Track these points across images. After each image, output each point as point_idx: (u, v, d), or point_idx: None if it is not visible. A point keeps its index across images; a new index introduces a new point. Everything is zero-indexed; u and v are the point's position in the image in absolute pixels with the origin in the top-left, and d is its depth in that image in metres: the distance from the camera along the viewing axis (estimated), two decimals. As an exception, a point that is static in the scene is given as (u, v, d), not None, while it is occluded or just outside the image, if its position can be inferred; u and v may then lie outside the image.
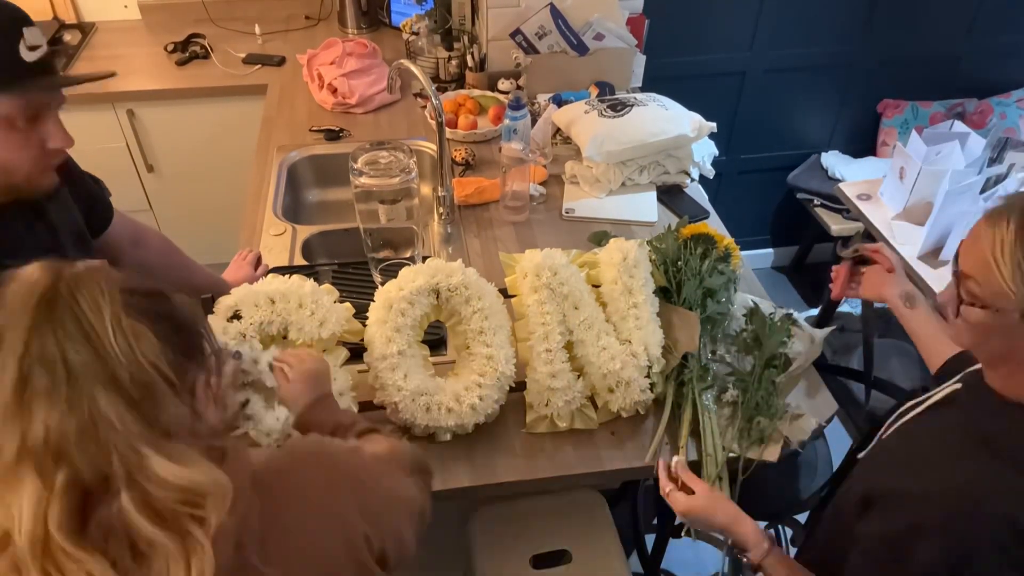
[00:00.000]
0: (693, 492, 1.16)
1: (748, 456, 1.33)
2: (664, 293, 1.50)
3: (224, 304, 1.28)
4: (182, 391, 0.70)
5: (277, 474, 0.81)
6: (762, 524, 1.55)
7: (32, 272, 0.68)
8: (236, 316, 1.27)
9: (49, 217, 1.21)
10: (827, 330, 1.52)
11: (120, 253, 1.44)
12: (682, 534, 1.70)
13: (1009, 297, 0.86)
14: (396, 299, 1.31)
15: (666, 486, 1.18)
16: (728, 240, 1.63)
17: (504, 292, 1.43)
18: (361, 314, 1.37)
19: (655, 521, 1.86)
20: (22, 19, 1.05)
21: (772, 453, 1.34)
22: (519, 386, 1.38)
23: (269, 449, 0.91)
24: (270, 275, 1.35)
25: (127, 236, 1.48)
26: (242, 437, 0.88)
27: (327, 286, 1.36)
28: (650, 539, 1.88)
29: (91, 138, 2.47)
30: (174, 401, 0.68)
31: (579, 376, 1.37)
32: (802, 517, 1.68)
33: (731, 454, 1.33)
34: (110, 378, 0.65)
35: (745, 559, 1.11)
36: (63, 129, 1.16)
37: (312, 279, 1.34)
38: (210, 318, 1.28)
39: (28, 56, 1.04)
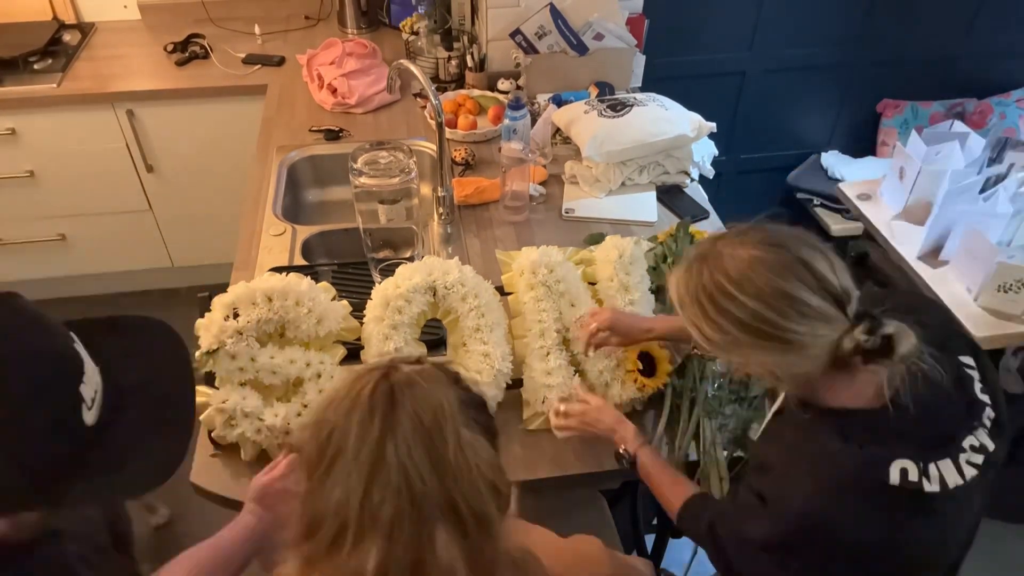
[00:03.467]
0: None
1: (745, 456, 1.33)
2: (658, 293, 1.50)
3: (222, 302, 1.28)
4: (508, 496, 0.65)
5: None
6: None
7: (365, 378, 0.64)
8: (234, 314, 1.27)
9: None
10: None
11: None
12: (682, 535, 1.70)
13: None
14: (393, 296, 1.31)
15: (559, 405, 1.27)
16: None
17: (501, 290, 1.43)
18: (359, 311, 1.38)
19: (655, 521, 1.86)
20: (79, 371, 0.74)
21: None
22: (516, 383, 1.38)
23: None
24: (267, 272, 1.35)
25: None
26: None
27: (324, 284, 1.36)
28: (650, 539, 1.88)
29: (91, 138, 2.47)
30: (503, 531, 0.63)
31: (575, 373, 1.37)
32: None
33: (731, 454, 1.33)
34: (453, 511, 0.60)
35: (624, 451, 1.22)
36: None
37: (311, 279, 1.34)
38: (207, 316, 1.28)
39: (87, 417, 0.75)
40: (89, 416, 0.74)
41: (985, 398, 0.95)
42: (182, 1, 2.73)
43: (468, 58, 2.31)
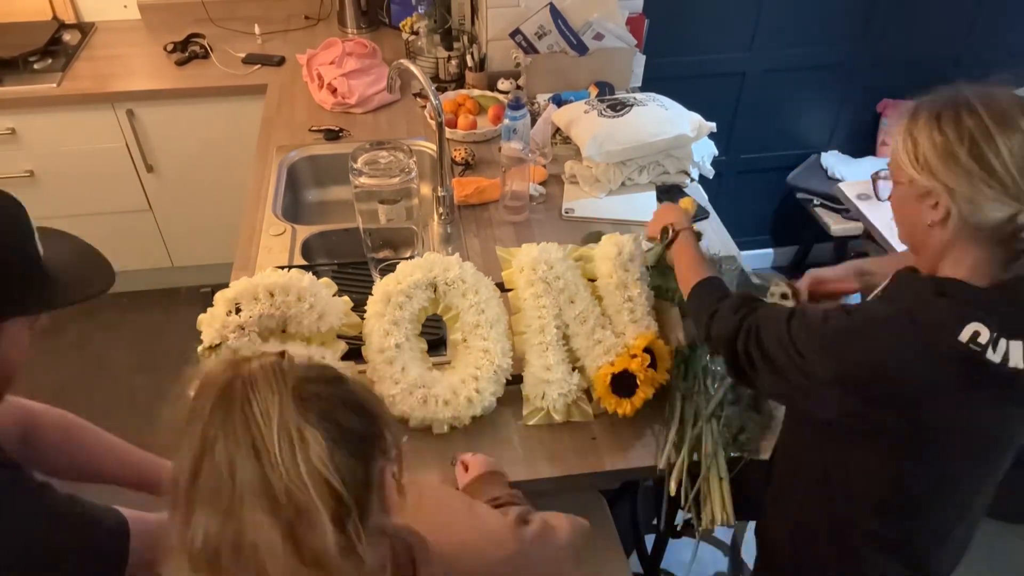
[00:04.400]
0: None
1: (744, 455, 1.33)
2: (657, 291, 1.50)
3: (224, 297, 1.28)
4: (349, 501, 0.67)
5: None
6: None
7: (215, 370, 0.69)
8: (236, 309, 1.27)
9: None
10: None
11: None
12: (682, 535, 1.70)
13: (901, 168, 1.00)
14: (394, 292, 1.31)
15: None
16: None
17: (501, 286, 1.44)
18: (360, 308, 1.38)
19: (655, 521, 1.86)
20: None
21: (765, 451, 1.34)
22: (516, 379, 1.38)
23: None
24: (268, 269, 1.35)
25: (13, 431, 1.10)
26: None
27: (326, 280, 1.37)
28: (650, 539, 1.88)
29: (91, 138, 2.47)
30: (329, 525, 0.65)
31: (574, 369, 1.38)
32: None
33: (732, 454, 1.33)
34: (269, 498, 0.64)
35: (671, 226, 1.39)
36: None
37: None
38: (209, 311, 1.28)
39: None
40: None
41: None
42: (182, 1, 2.73)
43: (468, 58, 2.31)
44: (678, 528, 1.73)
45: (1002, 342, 0.93)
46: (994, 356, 0.93)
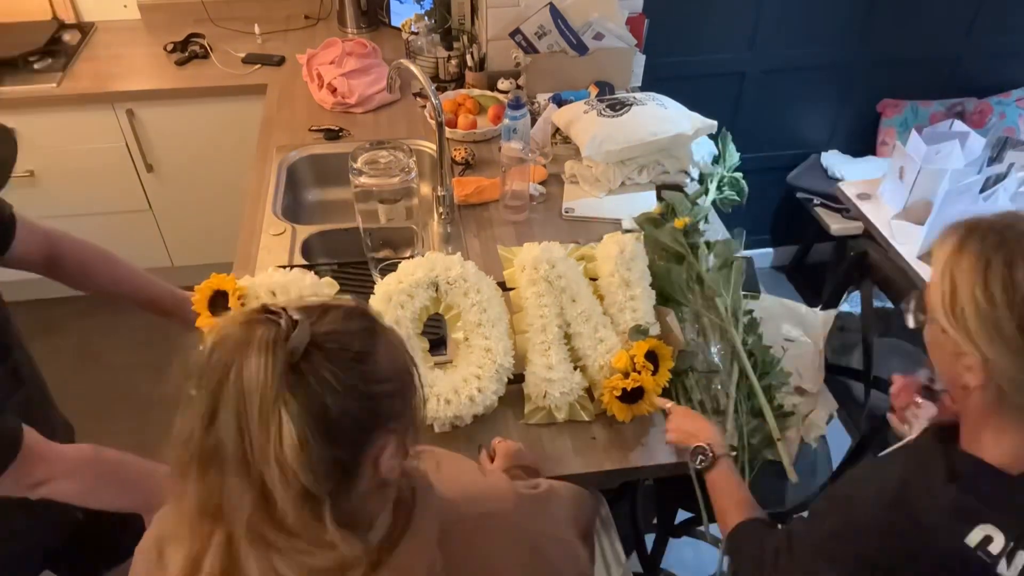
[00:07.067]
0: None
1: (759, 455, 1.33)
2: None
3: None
4: (319, 491, 0.67)
5: (462, 531, 0.82)
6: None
7: (236, 319, 0.68)
8: (237, 310, 1.27)
9: None
10: (832, 312, 1.52)
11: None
12: (681, 534, 1.71)
13: (933, 309, 0.83)
14: (395, 292, 1.31)
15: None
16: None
17: (502, 286, 1.44)
18: (360, 308, 1.38)
19: (655, 521, 1.86)
20: None
21: (775, 453, 1.34)
22: (518, 378, 1.38)
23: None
24: (269, 269, 1.35)
25: (38, 256, 1.28)
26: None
27: (327, 279, 1.37)
28: (650, 539, 1.88)
29: (90, 138, 2.47)
30: (291, 506, 0.66)
31: (576, 368, 1.38)
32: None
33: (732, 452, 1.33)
34: (241, 466, 0.66)
35: (707, 447, 1.22)
36: None
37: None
38: None
39: None
40: None
41: None
42: (182, 1, 2.73)
43: (468, 58, 2.31)
44: (678, 527, 1.73)
45: (1020, 555, 0.75)
46: (1008, 571, 0.76)
